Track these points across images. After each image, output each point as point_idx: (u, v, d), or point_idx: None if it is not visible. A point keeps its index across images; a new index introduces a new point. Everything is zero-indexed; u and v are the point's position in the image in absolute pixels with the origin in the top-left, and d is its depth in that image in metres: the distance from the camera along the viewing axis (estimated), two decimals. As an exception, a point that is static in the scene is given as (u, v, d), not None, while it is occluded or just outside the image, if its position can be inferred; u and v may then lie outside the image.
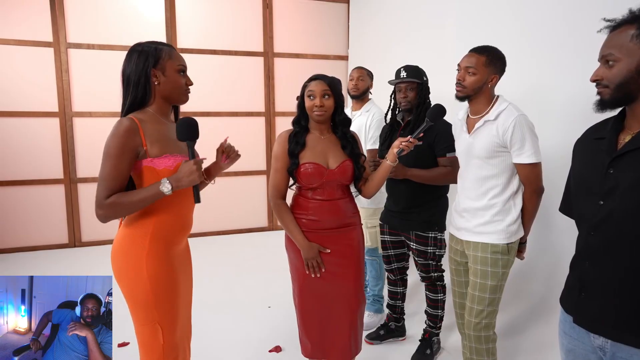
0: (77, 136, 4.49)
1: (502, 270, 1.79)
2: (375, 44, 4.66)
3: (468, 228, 1.85)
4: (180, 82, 1.51)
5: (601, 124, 1.22)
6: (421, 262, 2.35)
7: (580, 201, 1.21)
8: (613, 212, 1.08)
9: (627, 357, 1.06)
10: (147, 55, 1.45)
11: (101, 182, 1.37)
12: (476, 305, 1.81)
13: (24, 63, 4.24)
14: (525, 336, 2.50)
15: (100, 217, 1.38)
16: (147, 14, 4.58)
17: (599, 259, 1.12)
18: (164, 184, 1.37)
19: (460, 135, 1.91)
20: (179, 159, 1.46)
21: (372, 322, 2.77)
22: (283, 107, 5.16)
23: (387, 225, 2.47)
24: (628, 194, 1.05)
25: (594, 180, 1.14)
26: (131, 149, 1.39)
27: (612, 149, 1.11)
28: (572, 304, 1.21)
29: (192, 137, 1.44)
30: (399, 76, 2.32)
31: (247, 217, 5.20)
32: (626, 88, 1.06)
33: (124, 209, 1.38)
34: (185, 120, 1.44)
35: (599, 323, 1.12)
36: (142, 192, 1.39)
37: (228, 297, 3.28)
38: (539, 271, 2.59)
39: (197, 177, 1.41)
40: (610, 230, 1.09)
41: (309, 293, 1.88)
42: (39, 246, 4.47)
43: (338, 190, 1.86)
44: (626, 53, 1.05)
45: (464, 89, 1.78)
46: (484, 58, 1.76)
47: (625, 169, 1.06)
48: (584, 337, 1.16)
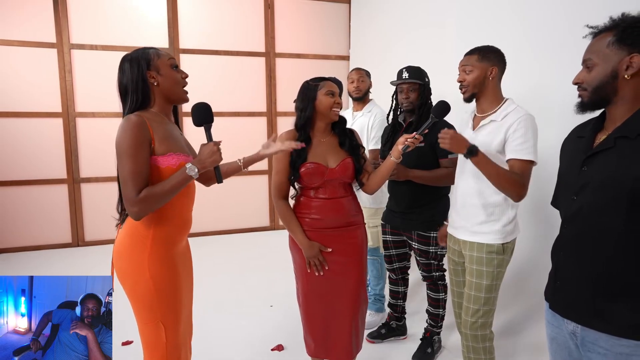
0: (80, 136, 4.52)
1: (497, 269, 1.79)
2: (376, 43, 4.66)
3: (465, 227, 1.86)
4: (177, 76, 1.53)
5: (585, 123, 1.28)
6: (423, 262, 2.35)
7: (560, 196, 1.30)
8: (583, 207, 1.16)
9: (593, 340, 1.14)
10: (138, 60, 1.47)
11: (127, 182, 1.36)
12: (472, 305, 1.82)
13: (28, 64, 4.27)
14: (523, 335, 2.50)
15: (135, 214, 1.37)
16: (150, 14, 4.59)
17: (571, 250, 1.21)
18: (190, 168, 1.40)
19: (463, 131, 1.90)
20: (182, 158, 1.47)
21: (373, 321, 2.78)
22: (284, 107, 5.17)
23: (389, 225, 2.48)
24: (596, 191, 1.12)
25: (570, 177, 1.22)
26: (145, 142, 1.39)
27: (588, 147, 1.18)
28: (549, 292, 1.30)
29: (207, 120, 1.49)
30: (401, 77, 2.32)
31: (249, 216, 5.22)
32: (602, 91, 1.13)
33: (157, 200, 1.39)
34: (199, 105, 1.49)
35: (570, 309, 1.20)
36: (172, 180, 1.40)
37: (230, 296, 3.30)
38: (538, 270, 2.58)
39: (219, 157, 1.45)
40: (580, 223, 1.17)
41: (313, 292, 1.88)
42: (43, 246, 4.50)
43: (340, 188, 1.87)
44: (603, 58, 1.12)
45: (467, 87, 1.81)
46: (475, 55, 1.80)
47: (596, 168, 1.14)
48: (562, 324, 1.24)
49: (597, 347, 1.12)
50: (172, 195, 1.42)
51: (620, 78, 1.10)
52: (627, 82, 1.10)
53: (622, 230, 1.08)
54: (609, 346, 1.10)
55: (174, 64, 1.52)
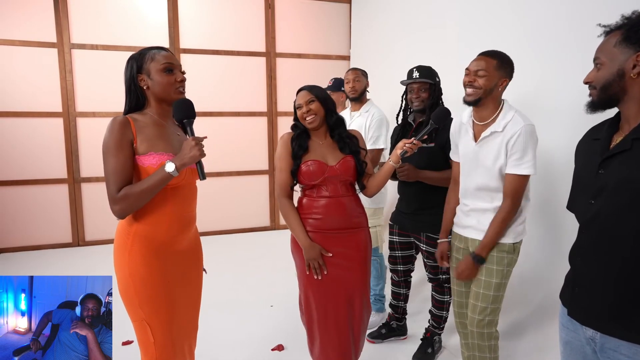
0: (80, 136, 4.52)
1: (506, 268, 1.81)
2: (377, 44, 4.65)
3: (475, 226, 1.85)
4: (166, 81, 1.50)
5: (600, 125, 1.26)
6: (430, 264, 2.34)
7: (576, 200, 1.27)
8: (600, 211, 1.13)
9: (614, 348, 1.11)
10: (132, 62, 1.51)
11: (109, 180, 1.41)
12: (480, 303, 1.82)
13: (28, 64, 4.27)
14: (526, 337, 2.49)
15: (117, 212, 1.41)
16: (150, 14, 4.60)
17: (589, 255, 1.18)
18: (167, 164, 1.40)
19: (463, 139, 1.88)
20: (164, 157, 1.45)
21: (373, 321, 2.77)
22: (285, 107, 5.17)
23: (397, 226, 2.46)
24: (613, 194, 1.10)
25: (587, 180, 1.19)
26: (127, 141, 1.42)
27: (605, 149, 1.16)
28: (567, 297, 1.27)
29: (187, 115, 1.50)
30: (411, 76, 2.30)
31: (250, 216, 5.22)
32: (609, 90, 1.13)
33: (137, 198, 1.40)
34: (180, 101, 1.50)
35: (589, 316, 1.18)
36: (151, 179, 1.41)
37: (230, 296, 3.29)
38: (543, 272, 2.58)
39: (198, 153, 1.42)
40: (598, 228, 1.15)
41: (316, 295, 1.87)
42: (43, 245, 4.50)
43: (341, 187, 1.86)
44: (610, 57, 1.12)
45: (477, 90, 1.72)
46: (495, 61, 1.73)
47: (613, 170, 1.11)
48: (579, 329, 1.22)
49: (618, 355, 1.10)
50: (152, 193, 1.42)
51: (627, 77, 1.10)
52: (635, 80, 1.09)
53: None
54: (631, 354, 1.08)
55: (168, 67, 1.50)
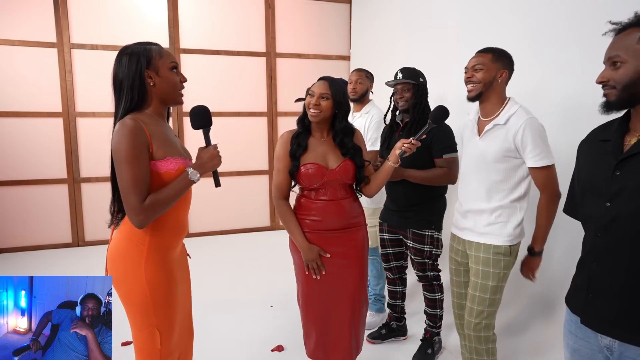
0: (80, 136, 4.51)
1: (503, 271, 1.79)
2: (377, 44, 4.65)
3: (472, 228, 1.85)
4: (175, 80, 1.46)
5: (606, 125, 1.23)
6: (418, 261, 2.36)
7: (586, 203, 1.22)
8: (620, 214, 1.09)
9: (634, 356, 1.07)
10: (138, 56, 1.39)
11: (129, 190, 1.31)
12: (476, 306, 1.81)
13: (28, 64, 4.27)
14: (525, 337, 2.49)
15: (140, 222, 1.33)
16: (150, 14, 4.59)
17: (606, 260, 1.13)
18: (192, 173, 1.40)
19: (471, 139, 1.88)
20: (181, 162, 1.43)
21: (373, 321, 2.78)
22: (285, 107, 5.16)
23: (385, 224, 2.49)
24: (634, 196, 1.06)
25: (600, 182, 1.15)
26: (144, 147, 1.34)
27: (619, 151, 1.13)
28: (579, 304, 1.22)
29: (206, 123, 1.49)
30: (395, 78, 2.36)
31: (250, 216, 5.22)
32: (632, 89, 1.08)
33: (163, 207, 1.36)
34: (198, 108, 1.49)
35: (607, 324, 1.13)
36: (176, 186, 1.38)
37: (230, 296, 3.29)
38: (541, 272, 2.57)
39: (219, 161, 1.47)
40: (617, 231, 1.10)
41: (313, 295, 1.87)
42: (43, 245, 4.50)
43: (341, 190, 1.85)
44: (633, 55, 1.07)
45: (476, 84, 1.77)
46: (490, 55, 1.77)
47: (632, 172, 1.08)
48: (591, 337, 1.18)
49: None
50: (175, 201, 1.40)
51: None
52: None
53: None
54: None
55: (175, 66, 1.46)
